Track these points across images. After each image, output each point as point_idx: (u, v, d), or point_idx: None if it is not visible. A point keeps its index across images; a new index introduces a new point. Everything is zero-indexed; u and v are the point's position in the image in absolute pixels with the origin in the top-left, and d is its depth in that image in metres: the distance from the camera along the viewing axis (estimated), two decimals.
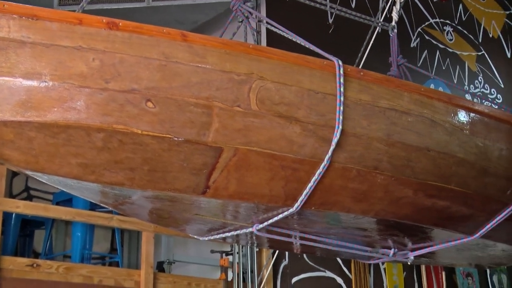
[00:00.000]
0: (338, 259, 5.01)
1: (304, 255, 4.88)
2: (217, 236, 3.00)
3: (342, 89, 2.35)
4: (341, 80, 2.35)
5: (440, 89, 5.42)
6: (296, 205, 2.49)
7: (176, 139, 2.14)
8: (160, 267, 5.22)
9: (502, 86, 6.68)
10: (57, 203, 5.50)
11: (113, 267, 4.77)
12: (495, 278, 5.82)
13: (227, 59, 2.17)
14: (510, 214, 2.90)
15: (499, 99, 6.47)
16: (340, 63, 2.37)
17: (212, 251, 4.75)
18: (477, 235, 3.02)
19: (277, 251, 4.68)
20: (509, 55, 6.93)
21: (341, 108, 2.34)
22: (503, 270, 5.90)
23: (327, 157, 2.37)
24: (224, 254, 4.69)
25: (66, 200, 5.37)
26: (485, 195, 2.82)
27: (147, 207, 2.60)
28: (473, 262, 3.94)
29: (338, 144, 2.37)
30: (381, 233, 3.07)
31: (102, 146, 2.09)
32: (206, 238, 3.04)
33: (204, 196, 2.34)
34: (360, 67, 4.03)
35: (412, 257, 3.40)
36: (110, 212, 4.41)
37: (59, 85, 2.00)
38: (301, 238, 3.08)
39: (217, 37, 2.36)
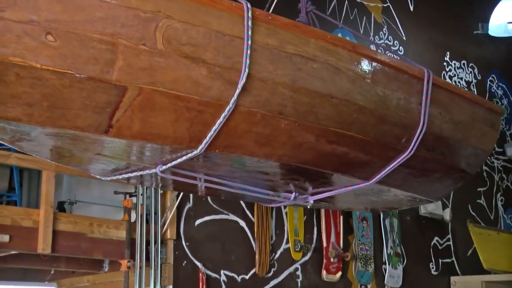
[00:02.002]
0: (242, 203, 5.11)
1: (208, 198, 4.94)
2: (120, 177, 2.97)
3: (249, 33, 2.35)
4: (249, 23, 2.35)
5: (347, 38, 5.53)
6: (200, 147, 2.50)
7: (78, 75, 2.08)
8: (60, 207, 5.12)
9: (404, 38, 6.90)
10: None
11: (9, 206, 4.62)
12: (387, 222, 6.14)
13: None
14: (404, 161, 3.05)
15: (401, 51, 6.70)
16: (249, 6, 2.36)
17: (116, 192, 4.70)
18: (373, 180, 3.16)
19: (181, 194, 4.70)
20: (412, 8, 7.15)
21: (248, 51, 2.35)
22: (395, 215, 6.23)
23: (232, 100, 2.38)
24: (127, 196, 4.66)
25: None
26: (382, 143, 2.94)
27: (47, 145, 2.53)
28: (369, 206, 4.14)
29: (244, 88, 2.38)
30: (283, 178, 3.14)
31: None
32: (109, 178, 3.00)
33: (107, 135, 2.30)
34: (269, 12, 4.02)
35: (312, 201, 3.52)
36: (8, 149, 4.24)
37: None
38: (206, 181, 3.11)
39: None
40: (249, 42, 2.35)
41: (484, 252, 6.81)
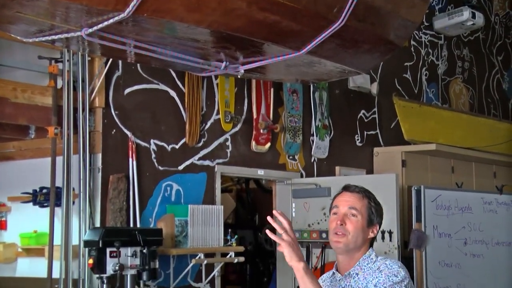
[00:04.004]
0: (172, 72, 5.04)
1: (138, 67, 4.84)
2: (44, 39, 2.85)
3: None
4: None
5: None
6: (127, 10, 2.42)
7: None
8: None
9: None
10: None
11: None
12: (316, 95, 6.25)
13: None
14: (335, 31, 3.05)
15: None
16: None
17: (40, 57, 4.51)
18: (304, 50, 3.17)
19: (110, 61, 4.58)
20: None
21: None
22: (324, 88, 6.34)
23: None
24: (53, 61, 4.49)
25: None
26: (313, 11, 2.92)
27: None
28: (299, 78, 4.18)
29: None
30: (214, 46, 3.11)
31: None
32: (31, 40, 2.87)
33: None
34: None
35: (242, 71, 3.52)
36: None
37: None
38: (135, 47, 3.03)
39: None
40: None
41: (406, 124, 7.13)
